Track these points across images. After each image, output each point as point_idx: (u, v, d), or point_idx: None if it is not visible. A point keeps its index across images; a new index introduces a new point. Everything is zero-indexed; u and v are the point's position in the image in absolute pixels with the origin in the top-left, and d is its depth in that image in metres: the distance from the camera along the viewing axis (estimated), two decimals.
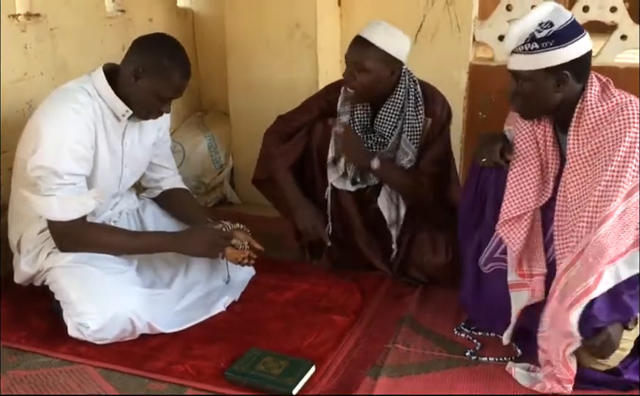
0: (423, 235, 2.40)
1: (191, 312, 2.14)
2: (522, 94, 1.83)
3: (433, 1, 3.05)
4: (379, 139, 2.39)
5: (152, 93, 1.97)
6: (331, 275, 2.47)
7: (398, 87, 2.36)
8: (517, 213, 1.93)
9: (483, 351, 1.96)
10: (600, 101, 1.78)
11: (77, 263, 1.98)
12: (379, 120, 2.39)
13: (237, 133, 3.33)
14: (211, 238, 2.13)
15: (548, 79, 1.77)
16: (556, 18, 1.75)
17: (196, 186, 3.31)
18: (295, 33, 3.03)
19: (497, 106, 3.08)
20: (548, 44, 1.74)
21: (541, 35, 1.74)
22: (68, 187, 1.91)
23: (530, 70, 1.78)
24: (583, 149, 1.79)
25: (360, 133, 2.41)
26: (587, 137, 1.78)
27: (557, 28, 1.74)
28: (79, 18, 2.70)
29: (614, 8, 2.90)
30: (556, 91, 1.79)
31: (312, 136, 2.45)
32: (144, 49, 1.98)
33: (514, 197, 1.94)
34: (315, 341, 2.02)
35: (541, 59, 1.75)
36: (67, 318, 1.97)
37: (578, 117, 1.80)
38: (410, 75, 2.40)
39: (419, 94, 2.39)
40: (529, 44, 1.76)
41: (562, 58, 1.74)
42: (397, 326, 2.10)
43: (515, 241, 1.94)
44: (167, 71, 1.96)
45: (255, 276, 2.41)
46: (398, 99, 2.36)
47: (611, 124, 1.74)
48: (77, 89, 1.98)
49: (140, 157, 2.20)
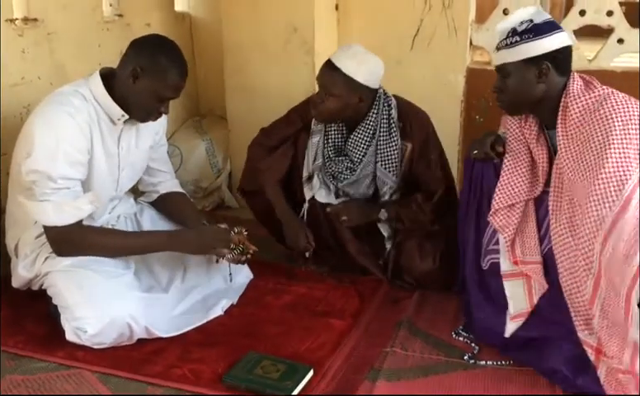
0: (411, 242, 2.40)
1: (189, 316, 2.13)
2: (506, 89, 1.92)
3: (430, 5, 3.05)
4: (349, 164, 2.39)
5: (151, 94, 1.97)
6: (329, 279, 2.48)
7: (371, 112, 2.33)
8: (508, 202, 1.99)
9: (481, 354, 1.96)
10: (583, 92, 1.84)
11: (74, 267, 1.98)
12: (350, 145, 2.38)
13: (234, 137, 3.33)
14: (208, 237, 2.12)
15: (530, 70, 1.86)
16: (536, 16, 1.87)
17: (194, 190, 3.31)
18: (292, 38, 3.03)
19: (494, 109, 3.04)
20: (528, 36, 1.84)
21: (521, 28, 1.86)
22: (63, 192, 1.90)
23: (512, 62, 1.87)
24: (573, 140, 1.83)
25: (332, 154, 2.41)
26: (575, 128, 1.83)
27: (536, 22, 1.85)
28: (77, 22, 2.70)
29: (610, 12, 2.91)
30: (538, 82, 1.87)
31: (298, 147, 2.46)
32: (141, 49, 1.98)
33: (505, 188, 2.00)
34: (313, 344, 2.01)
35: (521, 50, 1.85)
36: (64, 323, 1.96)
37: (564, 110, 1.86)
38: (386, 99, 2.36)
39: (393, 120, 2.35)
40: (510, 38, 1.87)
41: (542, 48, 1.84)
42: (395, 329, 2.10)
43: (506, 227, 1.99)
44: (166, 70, 1.95)
45: (253, 280, 2.41)
46: (369, 125, 2.34)
47: (596, 113, 1.78)
48: (72, 93, 1.97)
49: (137, 160, 2.20)
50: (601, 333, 1.71)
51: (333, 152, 2.42)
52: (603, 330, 1.70)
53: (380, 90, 2.35)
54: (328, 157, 2.43)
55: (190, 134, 3.48)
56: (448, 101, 3.09)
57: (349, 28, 3.23)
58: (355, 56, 2.25)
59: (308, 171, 2.45)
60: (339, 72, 2.23)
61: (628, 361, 1.64)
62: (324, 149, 2.42)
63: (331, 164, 2.43)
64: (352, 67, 2.23)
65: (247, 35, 3.11)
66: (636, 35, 2.92)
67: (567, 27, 2.99)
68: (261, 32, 3.08)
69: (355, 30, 3.22)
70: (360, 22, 3.20)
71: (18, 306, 2.17)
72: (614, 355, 1.66)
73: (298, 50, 3.04)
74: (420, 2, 3.06)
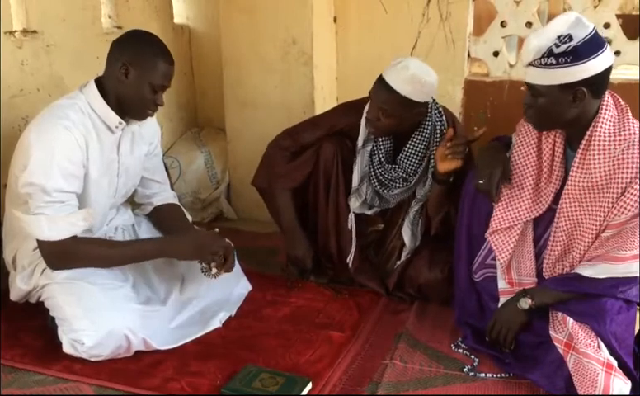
0: (423, 251, 2.38)
1: (187, 328, 2.12)
2: (537, 107, 1.80)
3: (428, 17, 3.06)
4: (403, 174, 2.36)
5: (144, 84, 1.96)
6: (328, 291, 2.47)
7: (425, 123, 2.31)
8: (507, 224, 1.97)
9: (481, 367, 1.95)
10: (611, 132, 1.76)
11: (72, 279, 1.97)
12: (404, 157, 2.35)
13: (233, 149, 3.33)
14: (202, 241, 2.10)
15: (564, 95, 1.73)
16: (575, 31, 1.69)
17: (192, 202, 3.31)
18: (291, 50, 3.04)
19: (493, 121, 3.09)
20: (565, 60, 1.68)
21: (559, 49, 1.68)
22: (57, 205, 1.89)
23: (546, 85, 1.74)
24: (584, 178, 1.81)
25: (384, 162, 2.38)
26: (592, 167, 1.78)
27: (575, 43, 1.68)
28: (76, 35, 2.70)
29: (607, 24, 2.91)
30: (572, 107, 1.75)
31: (321, 155, 2.41)
32: (125, 46, 1.99)
33: (506, 208, 1.97)
34: (312, 357, 2.00)
35: (557, 75, 1.71)
36: (62, 335, 1.95)
37: (588, 141, 1.79)
38: (436, 108, 2.34)
39: (444, 126, 2.32)
40: (545, 58, 1.70)
41: (579, 75, 1.69)
42: (395, 342, 2.09)
43: (503, 250, 1.98)
44: (153, 59, 1.97)
45: (251, 292, 2.40)
46: (424, 136, 2.31)
47: (615, 160, 1.74)
48: (69, 105, 1.97)
49: (131, 166, 2.19)
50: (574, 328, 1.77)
51: (384, 159, 2.39)
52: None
53: (431, 100, 2.32)
54: (379, 164, 2.39)
55: (189, 146, 3.49)
56: None
57: (347, 40, 3.24)
58: (412, 79, 2.18)
59: (358, 180, 2.39)
60: (396, 93, 2.18)
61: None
62: (373, 157, 2.39)
63: (382, 171, 2.39)
64: (410, 89, 2.18)
65: (245, 47, 3.12)
66: (633, 47, 2.93)
67: None
68: (259, 44, 3.09)
69: (353, 42, 3.23)
70: (358, 34, 3.21)
71: (16, 319, 2.16)
72: (587, 345, 1.73)
73: (296, 62, 3.05)
74: (417, 15, 3.08)
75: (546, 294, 1.89)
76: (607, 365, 1.72)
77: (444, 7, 3.03)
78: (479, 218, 2.07)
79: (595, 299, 1.80)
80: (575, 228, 1.86)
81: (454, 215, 2.29)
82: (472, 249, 2.11)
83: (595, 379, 1.69)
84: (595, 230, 1.82)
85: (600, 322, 1.77)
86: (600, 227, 1.81)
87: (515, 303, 1.92)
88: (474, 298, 2.11)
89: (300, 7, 2.97)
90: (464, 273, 2.13)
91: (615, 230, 1.78)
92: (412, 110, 2.24)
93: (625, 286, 1.78)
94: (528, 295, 1.90)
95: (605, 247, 1.80)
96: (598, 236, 1.82)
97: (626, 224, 1.75)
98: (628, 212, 1.74)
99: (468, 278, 2.13)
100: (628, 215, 1.74)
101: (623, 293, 1.79)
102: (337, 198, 2.44)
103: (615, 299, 1.79)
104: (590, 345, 1.75)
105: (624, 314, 1.80)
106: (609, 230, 1.79)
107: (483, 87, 3.11)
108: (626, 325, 1.81)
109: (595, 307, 1.79)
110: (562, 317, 1.83)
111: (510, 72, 3.09)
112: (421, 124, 2.31)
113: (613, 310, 1.79)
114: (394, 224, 2.47)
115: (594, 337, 1.77)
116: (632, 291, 1.79)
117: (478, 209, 2.07)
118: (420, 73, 2.20)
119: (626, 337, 1.80)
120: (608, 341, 1.76)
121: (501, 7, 3.04)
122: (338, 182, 2.42)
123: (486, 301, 2.08)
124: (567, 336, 1.79)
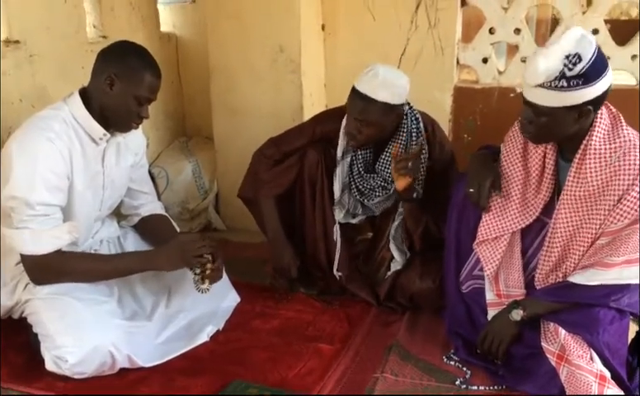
0: (414, 261, 2.36)
1: (173, 343, 2.08)
2: (538, 124, 1.76)
3: (416, 24, 3.05)
4: (382, 183, 2.36)
5: (129, 97, 1.93)
6: (318, 302, 2.44)
7: (401, 130, 2.30)
8: (494, 234, 1.96)
9: (474, 379, 1.92)
10: (606, 140, 1.75)
11: (55, 294, 1.93)
12: (381, 165, 2.35)
13: (221, 158, 3.30)
14: (185, 247, 2.04)
15: (570, 113, 1.71)
16: (583, 49, 1.66)
17: (180, 212, 3.27)
18: (279, 57, 3.02)
19: (482, 128, 3.08)
20: (577, 83, 1.65)
21: (571, 73, 1.65)
22: (41, 219, 1.86)
23: (554, 106, 1.70)
24: (580, 188, 1.79)
25: (363, 172, 2.38)
26: (588, 177, 1.77)
27: (586, 64, 1.65)
28: (60, 44, 2.67)
29: (596, 30, 2.91)
30: (575, 124, 1.74)
31: (305, 162, 2.40)
32: (111, 57, 1.95)
33: (493, 218, 1.96)
34: (302, 371, 1.97)
35: (568, 98, 1.68)
36: (44, 352, 1.91)
37: (583, 151, 1.77)
38: (412, 113, 2.34)
39: (421, 132, 2.32)
40: (557, 81, 1.66)
41: (588, 96, 1.68)
42: (385, 354, 2.06)
43: (490, 261, 1.97)
44: (140, 71, 1.93)
45: (240, 304, 2.37)
46: (401, 143, 2.31)
47: (610, 168, 1.73)
48: (52, 116, 1.93)
49: (116, 178, 2.15)
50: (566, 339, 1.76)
51: (363, 168, 2.38)
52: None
53: (406, 105, 2.32)
54: (358, 174, 2.39)
55: (177, 156, 3.45)
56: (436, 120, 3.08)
57: (335, 47, 3.22)
58: (385, 83, 2.19)
59: (339, 191, 2.39)
60: (374, 102, 2.19)
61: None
62: (353, 167, 2.39)
63: (361, 181, 2.39)
64: (385, 94, 2.19)
65: (233, 55, 3.09)
66: (621, 53, 2.93)
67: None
68: (247, 52, 3.07)
69: (341, 50, 3.21)
70: (346, 41, 3.20)
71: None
72: (580, 356, 1.72)
73: (284, 69, 3.02)
74: (406, 21, 3.07)
75: (538, 304, 1.88)
76: (600, 376, 1.70)
77: (433, 14, 3.02)
78: (467, 228, 2.05)
79: (588, 309, 1.79)
80: (571, 239, 1.85)
81: (434, 230, 2.30)
82: (459, 259, 2.09)
83: (589, 392, 1.67)
84: (591, 238, 1.80)
85: (592, 332, 1.76)
86: (595, 235, 1.79)
87: (506, 314, 1.90)
88: (463, 309, 2.09)
89: (288, 14, 2.95)
90: (453, 284, 2.11)
91: (610, 237, 1.76)
92: (391, 114, 2.24)
93: (617, 295, 1.77)
94: (520, 307, 1.88)
95: (599, 255, 1.78)
96: (593, 244, 1.80)
97: (621, 232, 1.74)
98: (624, 219, 1.72)
99: (456, 289, 2.11)
100: (624, 223, 1.73)
101: (615, 302, 1.77)
102: (324, 206, 2.42)
103: (608, 309, 1.78)
104: (583, 356, 1.73)
105: (617, 324, 1.79)
106: (604, 237, 1.77)
107: (472, 94, 3.10)
108: (619, 335, 1.80)
109: (587, 317, 1.78)
110: (553, 328, 1.81)
111: (500, 78, 3.08)
112: (397, 131, 2.31)
113: (605, 320, 1.77)
114: (383, 234, 2.44)
115: (586, 348, 1.75)
116: (624, 300, 1.77)
117: (467, 219, 2.05)
118: (390, 76, 2.23)
119: (619, 348, 1.79)
120: (601, 352, 1.75)
121: (489, 14, 3.04)
122: (323, 189, 2.41)
123: (476, 313, 2.06)
124: (559, 347, 1.77)
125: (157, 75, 1.98)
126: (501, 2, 3.04)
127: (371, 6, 3.11)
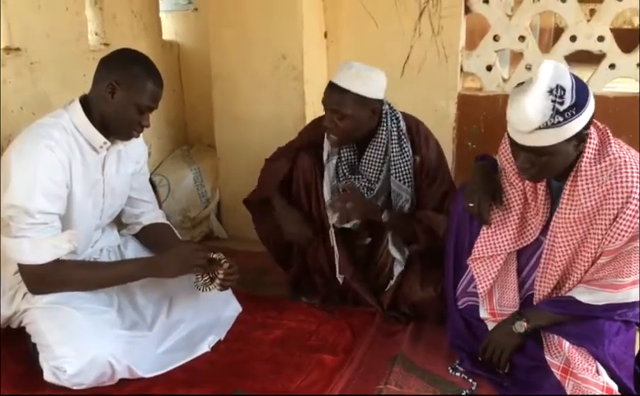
0: (415, 268, 2.34)
1: (174, 353, 2.06)
2: (540, 165, 1.73)
3: (420, 31, 3.04)
4: (366, 183, 2.36)
5: (130, 105, 1.92)
6: (321, 312, 2.41)
7: (380, 128, 2.31)
8: (490, 253, 1.94)
9: (480, 390, 1.90)
10: (596, 160, 1.74)
11: (54, 304, 1.91)
12: (364, 164, 2.35)
13: (223, 166, 3.28)
14: (185, 254, 2.04)
15: (571, 143, 1.70)
16: (562, 79, 1.66)
17: (182, 221, 3.25)
18: (281, 65, 3.00)
19: (486, 135, 3.06)
20: (571, 114, 1.65)
21: (563, 107, 1.64)
22: (40, 227, 1.84)
23: (556, 143, 1.68)
24: (574, 211, 1.77)
25: (348, 174, 2.38)
26: (581, 199, 1.75)
27: (571, 92, 1.65)
28: (61, 52, 2.65)
29: (601, 37, 2.90)
30: (575, 151, 1.73)
31: (299, 166, 2.42)
32: (113, 64, 1.94)
33: (490, 236, 1.95)
34: (304, 383, 1.94)
35: (567, 130, 1.66)
36: (43, 362, 1.89)
37: (575, 175, 1.76)
38: (392, 112, 2.34)
39: (403, 131, 2.33)
40: (552, 118, 1.64)
41: (583, 121, 1.67)
42: (389, 365, 2.02)
43: (483, 280, 1.95)
44: (142, 79, 1.92)
45: (241, 314, 2.34)
46: (381, 141, 2.31)
47: (603, 187, 1.72)
48: (52, 124, 1.92)
49: (117, 186, 2.14)
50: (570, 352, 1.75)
51: (348, 170, 2.38)
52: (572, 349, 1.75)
53: (386, 105, 2.33)
54: (343, 176, 2.39)
55: (178, 164, 3.43)
56: (439, 128, 3.03)
57: (338, 55, 3.21)
58: (359, 74, 2.23)
59: (329, 194, 2.38)
60: (348, 92, 2.21)
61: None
62: (338, 169, 2.39)
63: (347, 183, 2.38)
64: (359, 84, 2.21)
65: (235, 62, 3.08)
66: (627, 60, 2.91)
67: (558, 53, 2.99)
68: (249, 60, 3.05)
69: (344, 57, 3.18)
70: (348, 49, 3.18)
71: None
72: (585, 369, 1.71)
73: (286, 77, 3.01)
74: (409, 29, 3.05)
75: (541, 316, 1.85)
76: (607, 389, 1.68)
77: (436, 21, 3.01)
78: (464, 242, 2.04)
79: (592, 321, 1.76)
80: (570, 262, 1.83)
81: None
82: (457, 272, 2.07)
83: None
84: (591, 258, 1.78)
85: (597, 344, 1.73)
86: (594, 254, 1.77)
87: (510, 325, 1.88)
88: (462, 322, 2.06)
89: (290, 22, 2.94)
90: (452, 297, 2.09)
91: (611, 256, 1.74)
92: (366, 107, 2.24)
93: (623, 310, 1.75)
94: (523, 318, 1.86)
95: (602, 273, 1.76)
96: (594, 263, 1.78)
97: (621, 249, 1.72)
98: (623, 237, 1.71)
99: (455, 302, 2.09)
100: (622, 241, 1.71)
101: (620, 316, 1.74)
102: (320, 208, 2.41)
103: (613, 321, 1.75)
104: (588, 369, 1.70)
105: (623, 335, 1.77)
106: (604, 257, 1.76)
107: (477, 102, 3.09)
108: (625, 346, 1.77)
109: (592, 329, 1.76)
110: (557, 341, 1.78)
111: (504, 86, 3.07)
112: (376, 130, 2.31)
113: (611, 332, 1.75)
114: (381, 238, 2.42)
115: (592, 360, 1.73)
116: (630, 313, 1.75)
117: (464, 233, 2.04)
118: (366, 69, 2.25)
119: (625, 359, 1.76)
120: (607, 364, 1.72)
121: (493, 21, 3.03)
122: (318, 193, 2.41)
123: (475, 326, 2.03)
124: (564, 360, 1.74)
125: (158, 83, 1.97)
126: (505, 10, 3.04)
127: (374, 13, 3.10)
